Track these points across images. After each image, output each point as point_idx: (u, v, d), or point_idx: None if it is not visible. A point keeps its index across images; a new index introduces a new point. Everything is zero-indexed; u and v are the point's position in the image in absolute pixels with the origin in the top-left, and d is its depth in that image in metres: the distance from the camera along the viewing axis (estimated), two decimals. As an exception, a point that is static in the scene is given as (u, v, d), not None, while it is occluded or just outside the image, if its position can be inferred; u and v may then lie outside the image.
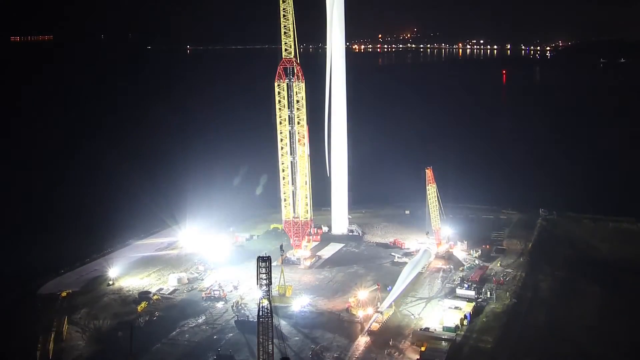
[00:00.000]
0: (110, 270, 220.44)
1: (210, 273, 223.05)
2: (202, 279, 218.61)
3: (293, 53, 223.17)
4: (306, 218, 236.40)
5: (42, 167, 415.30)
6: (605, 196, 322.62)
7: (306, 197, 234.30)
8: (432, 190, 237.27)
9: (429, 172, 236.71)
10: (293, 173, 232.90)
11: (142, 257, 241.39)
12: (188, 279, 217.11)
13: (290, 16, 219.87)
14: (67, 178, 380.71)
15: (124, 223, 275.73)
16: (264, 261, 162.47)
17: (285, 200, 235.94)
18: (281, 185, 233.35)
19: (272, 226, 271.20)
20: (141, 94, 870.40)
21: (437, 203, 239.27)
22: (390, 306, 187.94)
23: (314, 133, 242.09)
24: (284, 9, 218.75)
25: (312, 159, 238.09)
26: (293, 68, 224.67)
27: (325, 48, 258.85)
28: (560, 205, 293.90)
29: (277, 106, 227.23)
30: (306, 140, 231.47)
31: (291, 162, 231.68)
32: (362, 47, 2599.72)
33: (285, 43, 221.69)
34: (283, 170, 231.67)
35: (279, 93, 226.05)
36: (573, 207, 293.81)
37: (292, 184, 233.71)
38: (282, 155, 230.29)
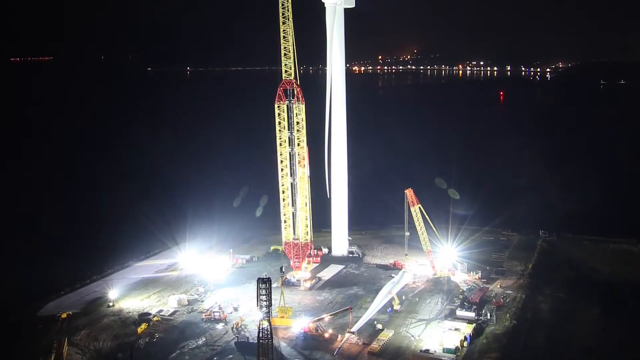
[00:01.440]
0: (111, 291, 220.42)
1: (211, 294, 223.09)
2: (202, 301, 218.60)
3: (293, 74, 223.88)
4: (306, 240, 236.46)
5: (42, 188, 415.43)
6: (605, 218, 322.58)
7: (306, 219, 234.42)
8: (417, 211, 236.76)
9: (409, 194, 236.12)
10: (293, 194, 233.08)
11: (142, 279, 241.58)
12: (188, 301, 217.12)
13: (291, 38, 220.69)
14: (67, 199, 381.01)
15: (124, 244, 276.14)
16: (264, 283, 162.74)
17: (285, 221, 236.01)
18: (281, 207, 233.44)
19: (272, 248, 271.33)
20: (141, 115, 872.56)
21: (422, 224, 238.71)
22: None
23: (314, 154, 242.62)
24: (284, 30, 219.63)
25: (312, 181, 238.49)
26: (293, 90, 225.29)
27: (325, 70, 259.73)
28: (560, 226, 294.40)
29: (277, 128, 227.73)
30: (306, 162, 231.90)
31: (291, 183, 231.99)
32: (362, 68, 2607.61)
33: (286, 64, 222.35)
34: (283, 192, 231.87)
35: (279, 114, 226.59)
36: (573, 228, 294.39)
37: (292, 205, 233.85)
38: (282, 176, 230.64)
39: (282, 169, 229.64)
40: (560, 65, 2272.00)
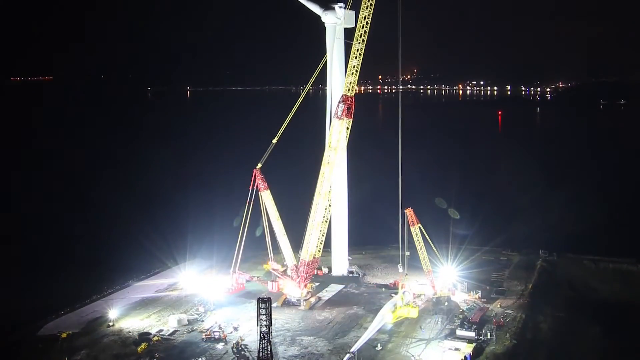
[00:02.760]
0: (111, 311, 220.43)
1: (211, 314, 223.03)
2: (203, 320, 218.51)
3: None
4: (318, 256, 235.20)
5: (41, 207, 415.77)
6: (605, 237, 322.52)
7: (323, 235, 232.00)
8: (417, 231, 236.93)
9: (409, 213, 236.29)
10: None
11: (142, 298, 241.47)
12: (188, 320, 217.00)
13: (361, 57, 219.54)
14: (66, 219, 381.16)
15: (124, 264, 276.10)
16: (264, 302, 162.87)
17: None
18: (316, 225, 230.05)
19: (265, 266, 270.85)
20: (140, 134, 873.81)
21: (422, 244, 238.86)
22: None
23: (314, 174, 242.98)
24: (357, 50, 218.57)
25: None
26: (349, 107, 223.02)
27: (325, 89, 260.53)
28: (560, 246, 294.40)
29: (332, 146, 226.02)
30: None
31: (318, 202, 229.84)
32: (362, 88, 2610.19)
33: (351, 82, 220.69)
34: (317, 212, 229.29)
35: (340, 132, 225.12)
36: (573, 248, 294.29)
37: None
38: (318, 194, 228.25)
39: (321, 189, 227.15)
40: (561, 85, 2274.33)
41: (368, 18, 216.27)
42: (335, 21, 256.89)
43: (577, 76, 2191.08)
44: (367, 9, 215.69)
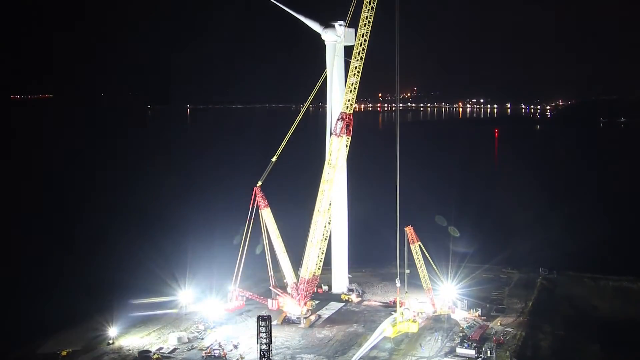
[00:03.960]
0: (111, 329, 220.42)
1: (211, 332, 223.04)
2: (202, 338, 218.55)
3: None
4: (318, 274, 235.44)
5: (42, 226, 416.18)
6: (604, 255, 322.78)
7: (322, 253, 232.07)
8: (417, 249, 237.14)
9: (409, 231, 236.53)
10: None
11: (143, 316, 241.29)
12: (188, 338, 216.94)
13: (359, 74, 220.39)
14: (66, 237, 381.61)
15: (124, 282, 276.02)
16: (264, 320, 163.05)
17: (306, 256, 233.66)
18: (315, 243, 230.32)
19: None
20: (140, 153, 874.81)
21: (422, 262, 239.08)
22: None
23: (314, 189, 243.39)
24: (355, 67, 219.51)
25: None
26: (348, 124, 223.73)
27: (325, 107, 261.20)
28: (560, 264, 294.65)
29: (332, 163, 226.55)
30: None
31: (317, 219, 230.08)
32: (362, 106, 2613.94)
33: (349, 100, 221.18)
34: (315, 229, 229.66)
35: (338, 149, 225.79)
36: (573, 266, 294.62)
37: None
38: (317, 212, 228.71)
39: (320, 206, 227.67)
40: (561, 103, 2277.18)
41: (366, 35, 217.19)
42: (335, 39, 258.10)
43: (578, 94, 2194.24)
44: (365, 26, 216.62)
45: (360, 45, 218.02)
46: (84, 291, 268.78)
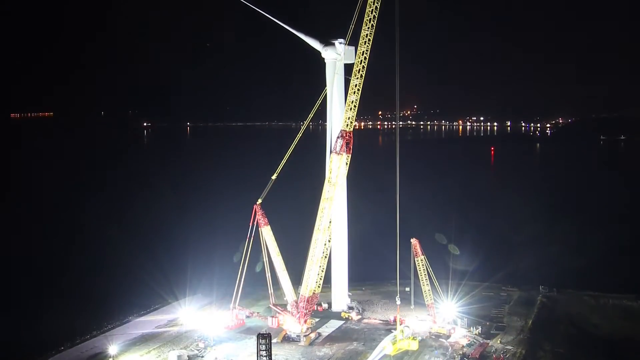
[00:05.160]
0: (111, 347, 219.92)
1: (210, 350, 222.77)
2: (202, 356, 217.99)
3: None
4: (318, 292, 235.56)
5: (41, 243, 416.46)
6: (605, 273, 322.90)
7: (323, 270, 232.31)
8: (421, 262, 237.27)
9: (415, 243, 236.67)
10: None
11: (143, 334, 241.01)
12: (188, 356, 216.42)
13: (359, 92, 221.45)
14: (65, 254, 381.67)
15: (124, 300, 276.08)
16: (264, 338, 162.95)
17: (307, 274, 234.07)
18: (315, 261, 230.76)
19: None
20: (140, 169, 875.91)
21: (425, 275, 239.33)
22: None
23: (314, 209, 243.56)
24: (355, 85, 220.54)
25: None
26: (348, 142, 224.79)
27: (325, 125, 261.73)
28: (560, 282, 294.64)
29: (332, 181, 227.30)
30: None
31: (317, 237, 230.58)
32: (362, 124, 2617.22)
33: (349, 117, 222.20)
34: (316, 247, 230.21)
35: (338, 167, 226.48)
36: (573, 284, 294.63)
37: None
38: (317, 229, 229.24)
39: (320, 224, 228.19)
40: (561, 121, 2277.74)
41: (366, 53, 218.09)
42: (335, 57, 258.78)
43: (578, 112, 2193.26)
44: (364, 44, 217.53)
45: (360, 63, 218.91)
46: (84, 308, 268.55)
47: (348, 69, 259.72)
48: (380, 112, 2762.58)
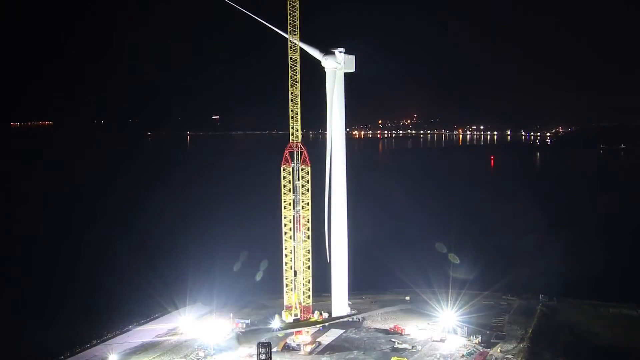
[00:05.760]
0: (111, 356, 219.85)
1: (211, 359, 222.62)
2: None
3: (299, 137, 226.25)
4: (307, 303, 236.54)
5: (41, 252, 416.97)
6: (605, 282, 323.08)
7: (308, 282, 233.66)
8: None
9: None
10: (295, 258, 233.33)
11: (143, 343, 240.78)
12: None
13: (299, 101, 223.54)
14: (66, 263, 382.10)
15: (124, 308, 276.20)
16: (264, 347, 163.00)
17: (287, 285, 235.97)
18: (284, 270, 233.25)
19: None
20: (140, 179, 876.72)
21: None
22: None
23: (314, 218, 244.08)
24: (292, 93, 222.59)
25: (312, 244, 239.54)
26: (299, 152, 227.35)
27: (325, 134, 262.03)
28: (560, 291, 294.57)
29: (283, 190, 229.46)
30: (310, 224, 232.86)
31: (294, 246, 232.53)
32: (362, 133, 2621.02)
33: (293, 127, 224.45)
34: (286, 255, 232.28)
35: (284, 177, 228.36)
36: (573, 293, 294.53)
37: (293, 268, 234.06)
38: (285, 240, 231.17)
39: (285, 232, 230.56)
40: (561, 130, 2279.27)
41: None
42: (335, 66, 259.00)
43: (578, 121, 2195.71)
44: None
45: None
46: (84, 317, 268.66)
47: (348, 78, 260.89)
48: (380, 121, 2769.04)
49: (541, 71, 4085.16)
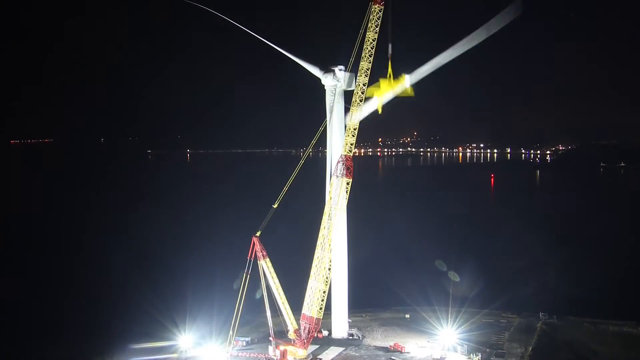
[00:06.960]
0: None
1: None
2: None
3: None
4: (319, 316, 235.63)
5: (39, 270, 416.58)
6: (605, 300, 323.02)
7: (325, 293, 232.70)
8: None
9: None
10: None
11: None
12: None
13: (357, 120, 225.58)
14: (65, 282, 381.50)
15: (124, 327, 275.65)
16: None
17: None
18: (317, 283, 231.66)
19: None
20: (141, 197, 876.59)
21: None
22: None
23: (313, 235, 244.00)
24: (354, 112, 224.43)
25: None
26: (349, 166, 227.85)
27: (325, 152, 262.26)
28: (560, 309, 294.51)
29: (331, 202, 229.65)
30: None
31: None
32: (362, 150, 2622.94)
33: (351, 143, 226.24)
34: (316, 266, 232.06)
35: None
36: (573, 310, 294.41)
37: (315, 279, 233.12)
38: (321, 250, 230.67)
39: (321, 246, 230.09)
40: (561, 148, 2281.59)
41: (365, 85, 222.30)
42: (334, 83, 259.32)
43: (578, 139, 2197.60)
44: (363, 77, 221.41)
45: (359, 94, 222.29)
46: (83, 336, 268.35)
47: (347, 95, 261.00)
48: (380, 139, 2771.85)
49: (542, 89, 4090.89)
